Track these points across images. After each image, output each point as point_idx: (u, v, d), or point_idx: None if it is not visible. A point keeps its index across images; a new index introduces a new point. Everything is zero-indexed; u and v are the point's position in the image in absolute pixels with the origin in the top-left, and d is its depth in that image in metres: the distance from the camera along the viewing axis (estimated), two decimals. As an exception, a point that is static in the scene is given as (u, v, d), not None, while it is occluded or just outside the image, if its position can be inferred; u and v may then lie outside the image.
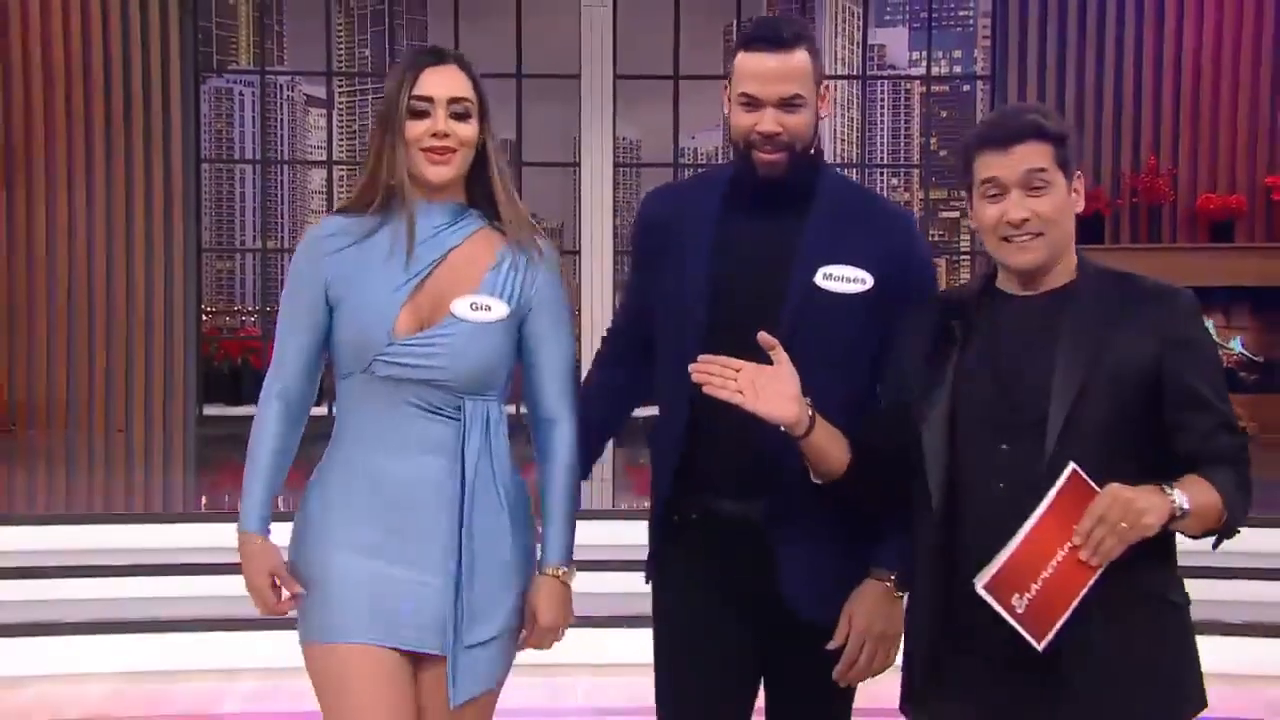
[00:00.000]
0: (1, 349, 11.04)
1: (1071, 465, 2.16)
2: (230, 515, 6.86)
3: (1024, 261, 2.31)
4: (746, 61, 2.59)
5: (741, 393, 2.32)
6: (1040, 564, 2.13)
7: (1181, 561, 2.33)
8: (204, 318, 12.41)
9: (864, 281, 2.57)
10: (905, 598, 2.54)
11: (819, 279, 2.57)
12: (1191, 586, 2.37)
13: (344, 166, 13.41)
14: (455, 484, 2.50)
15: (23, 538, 6.37)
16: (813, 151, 2.65)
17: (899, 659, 2.51)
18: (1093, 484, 2.14)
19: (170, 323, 11.25)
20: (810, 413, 2.37)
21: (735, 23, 13.41)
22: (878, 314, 2.57)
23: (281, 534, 2.59)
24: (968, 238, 25.36)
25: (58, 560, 6.14)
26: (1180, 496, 2.14)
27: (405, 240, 2.51)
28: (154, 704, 5.20)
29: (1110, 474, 2.17)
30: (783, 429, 2.36)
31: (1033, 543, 2.13)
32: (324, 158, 14.51)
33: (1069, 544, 2.12)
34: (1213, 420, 2.27)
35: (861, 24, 11.89)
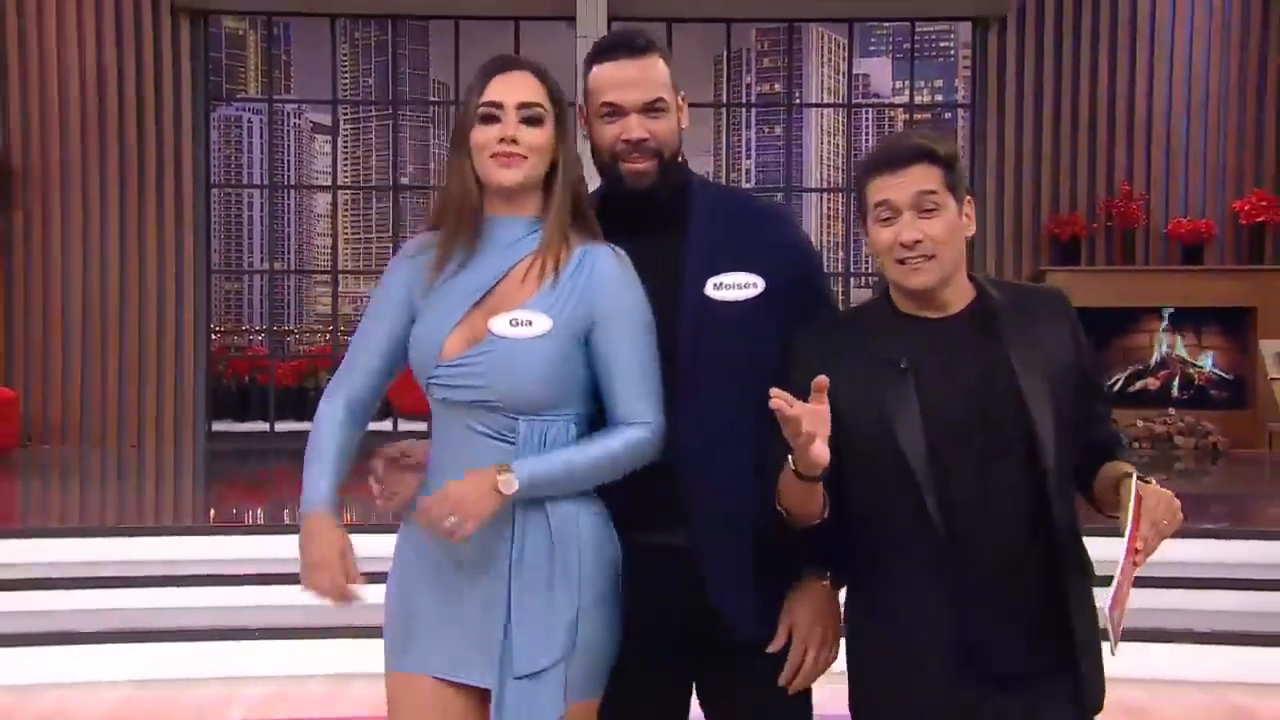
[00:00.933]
0: (18, 367, 11.06)
1: (1134, 477, 2.14)
2: (237, 528, 6.91)
3: (918, 283, 2.27)
4: (604, 71, 2.50)
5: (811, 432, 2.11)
6: (1125, 575, 2.10)
7: (1156, 573, 2.35)
8: (213, 337, 12.41)
9: (755, 286, 2.47)
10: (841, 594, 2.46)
11: (710, 290, 2.46)
12: (1162, 597, 2.38)
13: (348, 191, 13.38)
14: (507, 511, 2.33)
15: (38, 550, 6.37)
16: (679, 160, 2.54)
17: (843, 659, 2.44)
18: (1140, 489, 2.14)
19: (180, 341, 11.26)
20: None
21: (725, 53, 13.44)
22: (773, 316, 2.45)
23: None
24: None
25: (72, 572, 6.13)
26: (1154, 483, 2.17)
27: (450, 247, 2.39)
28: (164, 711, 5.19)
29: (1064, 471, 2.23)
30: (796, 468, 2.16)
31: (1127, 557, 2.09)
32: (329, 182, 14.52)
33: (1133, 549, 2.10)
34: (1108, 408, 2.42)
35: (846, 54, 11.89)
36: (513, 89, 2.37)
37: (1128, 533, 2.10)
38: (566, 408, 2.37)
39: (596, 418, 2.41)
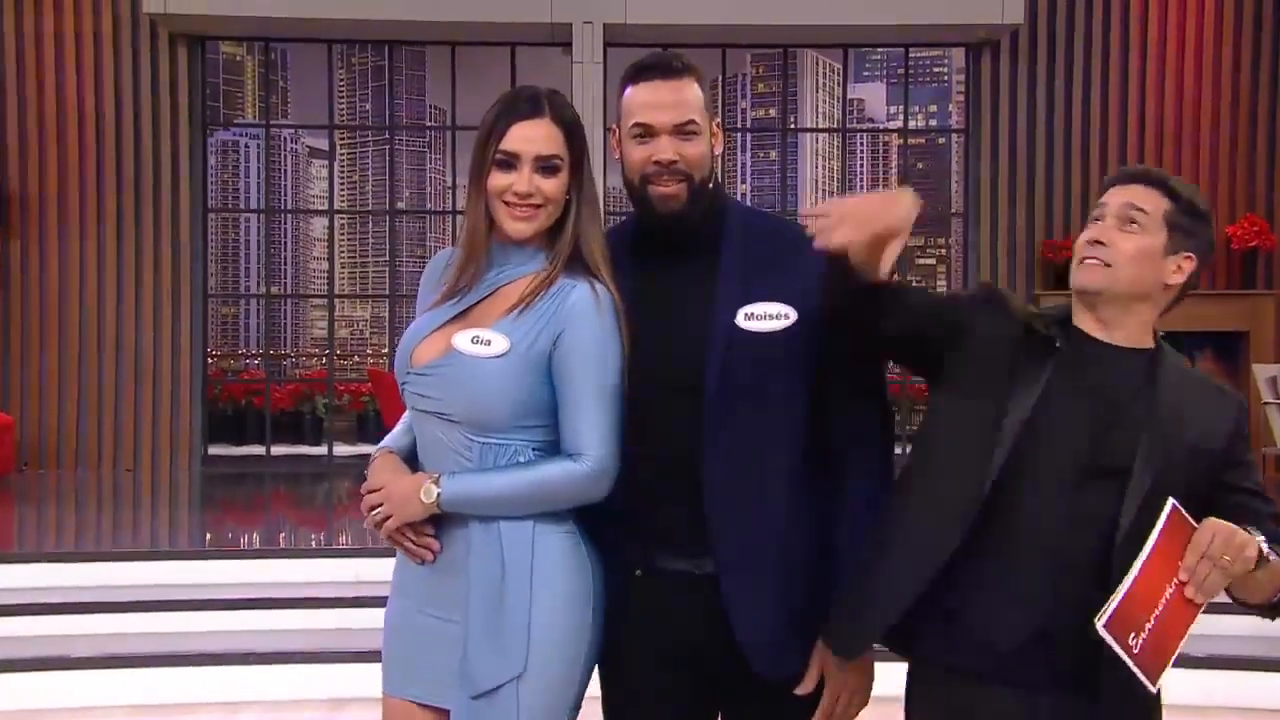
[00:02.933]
0: (15, 390, 11.04)
1: (1171, 501, 2.09)
2: (234, 553, 6.89)
3: (1081, 279, 2.27)
4: (637, 93, 2.47)
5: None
6: (1152, 602, 2.03)
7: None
8: (209, 361, 12.40)
9: (787, 316, 2.42)
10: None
11: (740, 320, 2.42)
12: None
13: (344, 215, 13.37)
14: (464, 530, 2.39)
15: (35, 575, 6.36)
16: (711, 186, 2.50)
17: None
18: (1191, 520, 2.08)
19: (177, 365, 11.25)
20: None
21: (721, 78, 13.49)
22: (805, 346, 2.43)
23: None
24: (944, 283, 25.33)
25: (68, 597, 6.13)
26: (1263, 540, 2.10)
27: (458, 278, 2.45)
28: (160, 736, 5.19)
29: (1136, 539, 2.14)
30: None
31: (1144, 581, 2.03)
32: (325, 207, 14.53)
33: (1175, 580, 2.04)
34: (1271, 509, 2.29)
35: (841, 79, 11.95)
36: (532, 140, 2.37)
37: (1142, 555, 2.04)
38: (525, 433, 2.39)
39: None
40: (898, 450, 2.63)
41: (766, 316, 2.43)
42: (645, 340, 2.43)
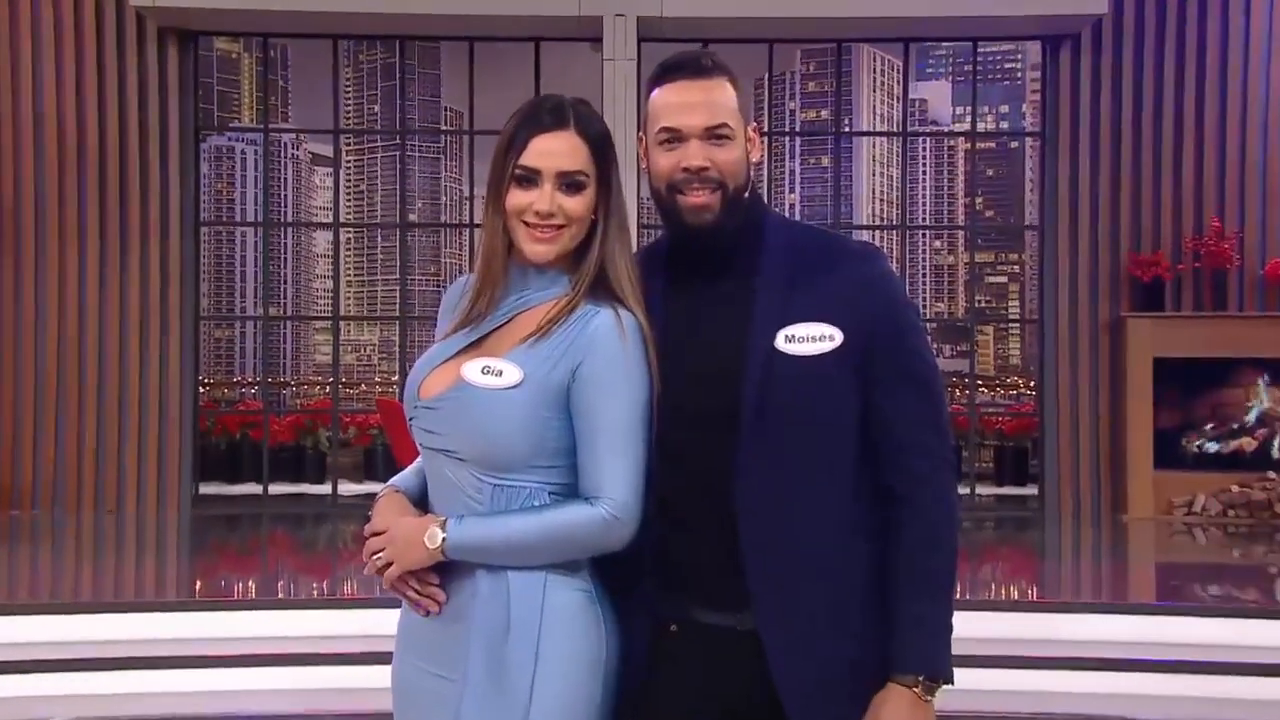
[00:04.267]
0: (-14, 424, 11.08)
1: None
2: (229, 604, 6.89)
3: None
4: (665, 94, 2.48)
5: None
6: None
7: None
8: (201, 390, 12.44)
9: (832, 338, 2.40)
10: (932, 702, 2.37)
11: (780, 343, 2.40)
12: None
13: (350, 229, 13.37)
14: (471, 581, 2.38)
15: (5, 629, 6.35)
16: (747, 195, 2.50)
17: None
18: None
19: (165, 396, 11.27)
20: None
21: (767, 75, 13.50)
22: (853, 370, 2.41)
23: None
24: (1016, 304, 25.23)
25: (41, 653, 6.12)
26: None
27: (473, 304, 2.47)
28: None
29: None
30: None
31: None
32: (330, 219, 14.58)
33: None
34: None
35: (901, 78, 11.90)
36: (553, 155, 2.39)
37: None
38: (541, 474, 2.38)
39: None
40: (962, 490, 2.55)
41: (809, 338, 2.41)
42: (676, 366, 2.43)
